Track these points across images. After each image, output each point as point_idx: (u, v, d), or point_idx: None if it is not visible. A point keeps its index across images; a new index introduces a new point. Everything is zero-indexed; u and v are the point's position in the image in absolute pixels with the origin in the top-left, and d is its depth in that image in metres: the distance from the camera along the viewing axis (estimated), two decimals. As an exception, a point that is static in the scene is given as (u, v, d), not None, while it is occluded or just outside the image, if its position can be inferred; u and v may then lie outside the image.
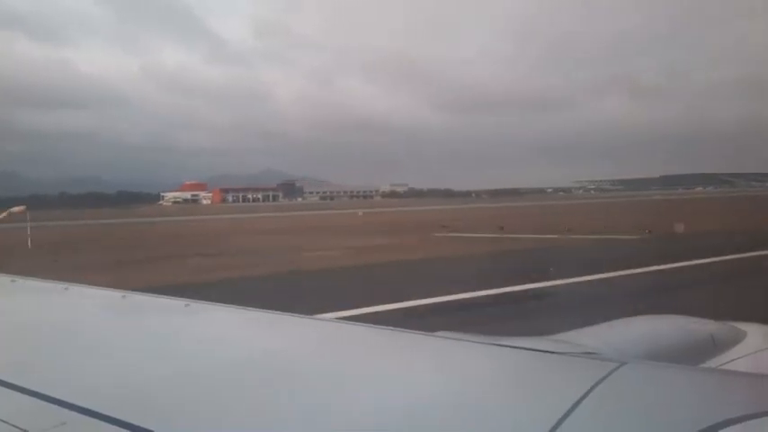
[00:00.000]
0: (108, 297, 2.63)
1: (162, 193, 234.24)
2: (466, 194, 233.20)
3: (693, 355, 1.85)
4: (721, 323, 2.16)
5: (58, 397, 1.22)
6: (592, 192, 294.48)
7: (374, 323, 1.94)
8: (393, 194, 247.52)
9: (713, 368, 1.78)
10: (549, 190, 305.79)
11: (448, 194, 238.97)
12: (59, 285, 2.80)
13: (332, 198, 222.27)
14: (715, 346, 1.93)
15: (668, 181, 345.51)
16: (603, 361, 1.34)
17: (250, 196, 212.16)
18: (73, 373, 1.50)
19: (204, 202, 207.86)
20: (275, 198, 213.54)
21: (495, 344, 1.53)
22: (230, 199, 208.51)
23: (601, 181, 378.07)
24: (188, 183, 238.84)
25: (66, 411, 1.15)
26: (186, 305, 2.22)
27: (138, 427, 1.06)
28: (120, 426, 1.07)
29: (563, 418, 0.98)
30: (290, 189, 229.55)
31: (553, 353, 1.43)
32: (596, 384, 1.12)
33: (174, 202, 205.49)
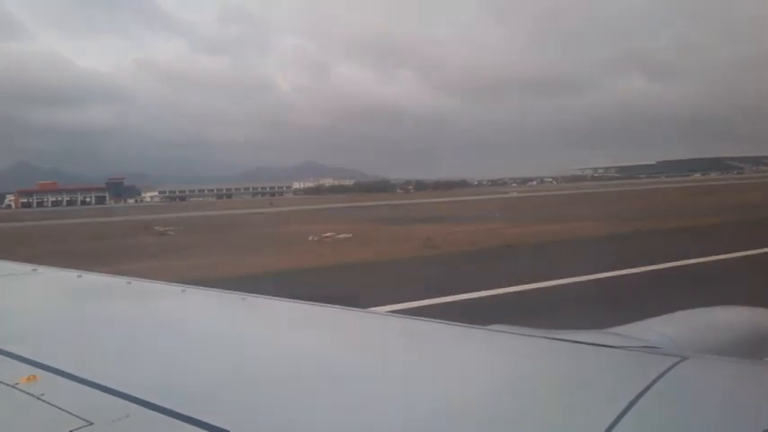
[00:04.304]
0: (168, 291, 2.67)
1: (6, 195, 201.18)
2: (392, 188, 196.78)
3: (760, 349, 1.73)
4: None
5: (122, 390, 1.22)
6: (552, 182, 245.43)
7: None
8: (317, 190, 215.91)
9: None
10: (534, 182, 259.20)
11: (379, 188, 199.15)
12: (121, 280, 2.86)
13: (219, 196, 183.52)
14: None
15: (669, 167, 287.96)
16: (664, 355, 1.27)
17: (60, 198, 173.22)
18: (136, 367, 1.49)
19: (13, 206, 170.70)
20: (101, 200, 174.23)
21: (553, 338, 1.50)
22: (35, 203, 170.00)
23: (600, 168, 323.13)
24: (40, 182, 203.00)
25: (129, 404, 1.15)
26: (243, 299, 2.28)
27: (200, 421, 1.05)
28: (181, 419, 1.07)
29: (622, 413, 0.94)
30: (118, 188, 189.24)
31: (612, 347, 1.38)
32: (657, 379, 1.07)
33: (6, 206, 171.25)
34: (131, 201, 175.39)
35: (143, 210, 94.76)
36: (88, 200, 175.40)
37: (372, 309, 2.24)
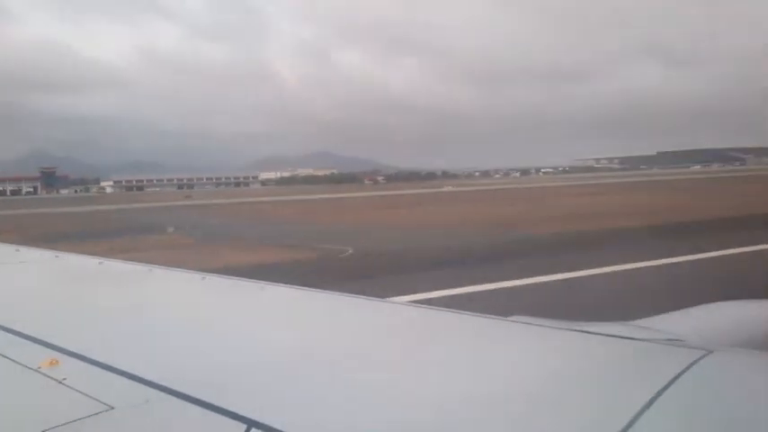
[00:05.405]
0: (189, 279, 2.72)
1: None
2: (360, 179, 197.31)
3: None
4: None
5: (142, 375, 1.24)
6: (541, 173, 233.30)
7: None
8: (290, 181, 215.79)
9: None
10: (517, 174, 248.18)
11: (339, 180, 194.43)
12: (142, 267, 2.93)
13: (180, 187, 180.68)
14: None
15: (669, 158, 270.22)
16: (689, 348, 1.26)
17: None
18: (156, 353, 1.51)
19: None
20: (35, 190, 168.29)
21: (576, 330, 1.49)
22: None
23: (603, 159, 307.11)
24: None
25: (149, 389, 1.17)
26: (261, 288, 2.33)
27: (218, 407, 1.06)
28: (200, 405, 1.09)
29: (646, 406, 0.93)
30: (51, 178, 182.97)
31: (636, 339, 1.38)
32: (682, 372, 1.07)
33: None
34: (65, 191, 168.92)
35: (31, 203, 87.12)
36: (22, 190, 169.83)
37: (392, 299, 2.39)
